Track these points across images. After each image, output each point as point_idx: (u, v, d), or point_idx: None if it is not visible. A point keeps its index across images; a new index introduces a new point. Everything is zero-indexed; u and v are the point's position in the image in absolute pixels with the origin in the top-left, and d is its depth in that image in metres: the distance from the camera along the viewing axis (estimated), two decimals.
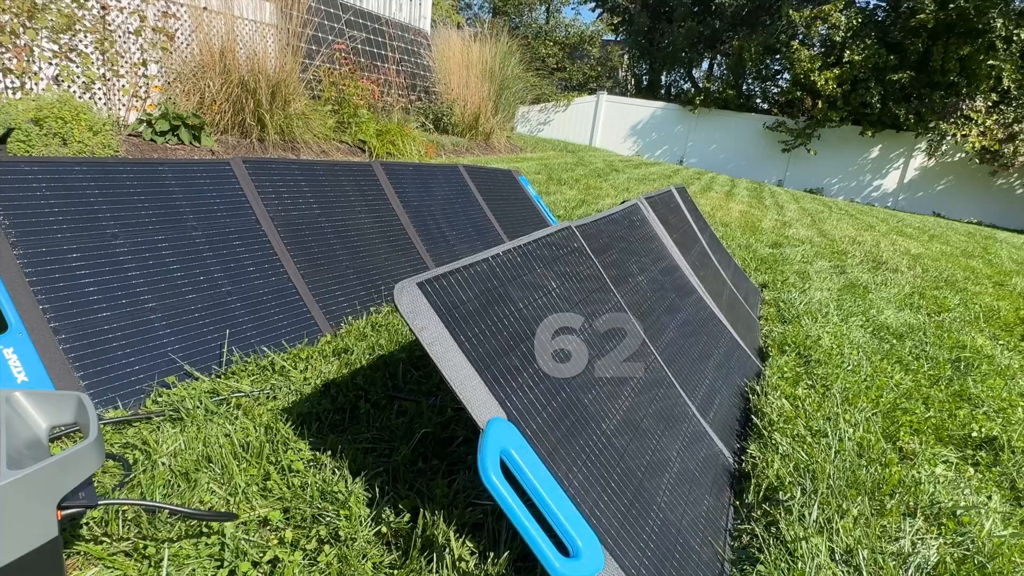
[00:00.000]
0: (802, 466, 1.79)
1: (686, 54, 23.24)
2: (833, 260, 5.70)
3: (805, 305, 3.72)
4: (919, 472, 1.87)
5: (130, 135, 5.86)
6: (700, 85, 22.70)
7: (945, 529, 1.61)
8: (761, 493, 1.69)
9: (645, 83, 25.56)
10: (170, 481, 1.37)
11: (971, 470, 2.01)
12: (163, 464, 1.43)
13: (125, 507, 1.25)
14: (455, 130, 11.42)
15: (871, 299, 4.22)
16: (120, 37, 6.10)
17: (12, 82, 5.29)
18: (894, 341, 3.27)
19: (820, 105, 17.65)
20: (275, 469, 1.46)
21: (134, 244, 2.01)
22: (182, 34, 6.74)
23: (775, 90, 22.10)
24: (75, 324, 1.75)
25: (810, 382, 2.52)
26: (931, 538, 1.56)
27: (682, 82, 25.14)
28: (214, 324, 2.10)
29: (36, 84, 5.52)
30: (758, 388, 2.35)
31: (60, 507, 0.89)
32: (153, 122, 5.85)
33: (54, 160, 1.93)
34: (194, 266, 2.16)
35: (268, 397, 1.82)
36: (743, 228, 6.79)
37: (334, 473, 1.49)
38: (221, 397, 1.80)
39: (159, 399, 1.75)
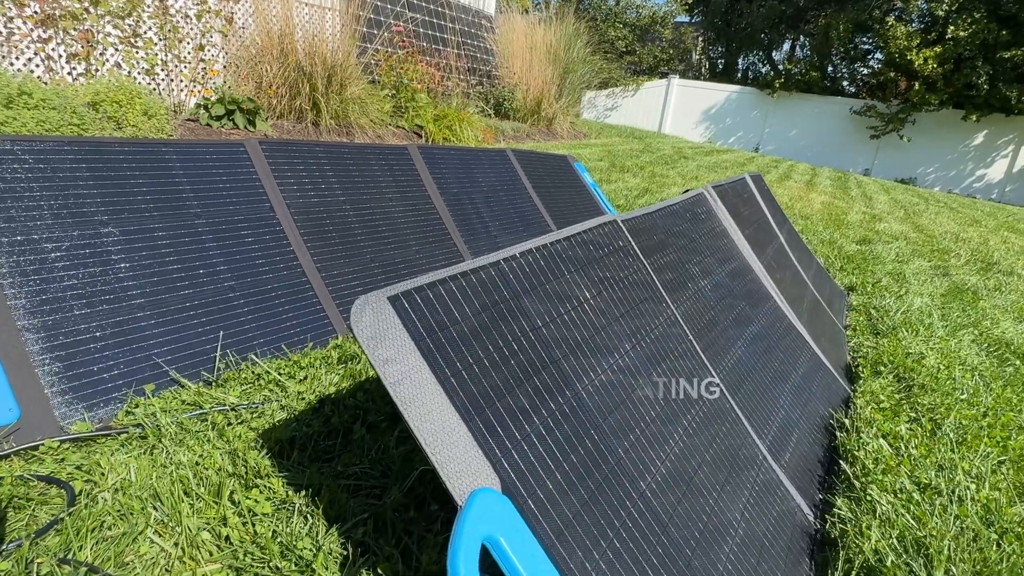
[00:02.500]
0: (909, 537, 1.38)
1: (766, 35, 21.88)
2: (933, 260, 5.00)
3: (902, 314, 3.18)
4: None
5: (188, 119, 5.88)
6: (780, 67, 21.29)
7: None
8: (854, 574, 1.29)
9: (720, 67, 24.30)
10: (105, 523, 1.14)
11: None
12: (104, 500, 1.20)
13: (41, 560, 1.02)
14: (516, 115, 11.08)
15: (983, 307, 3.60)
16: (181, 21, 6.12)
17: (75, 67, 5.38)
18: (1018, 363, 2.70)
19: (917, 87, 16.11)
20: (235, 512, 1.21)
21: (126, 233, 1.81)
22: (241, 17, 6.72)
23: (864, 71, 20.44)
24: (46, 323, 1.56)
25: (913, 414, 2.05)
26: None
27: (760, 65, 23.71)
28: (211, 323, 1.88)
29: (100, 69, 5.60)
30: (847, 422, 1.92)
31: None
32: (209, 106, 5.84)
33: (38, 138, 1.75)
34: (194, 258, 1.94)
35: (253, 413, 1.58)
36: (826, 221, 6.12)
37: (306, 520, 1.22)
38: (202, 411, 1.56)
39: (133, 410, 1.54)
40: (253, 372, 1.75)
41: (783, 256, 2.91)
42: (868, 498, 1.52)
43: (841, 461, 1.72)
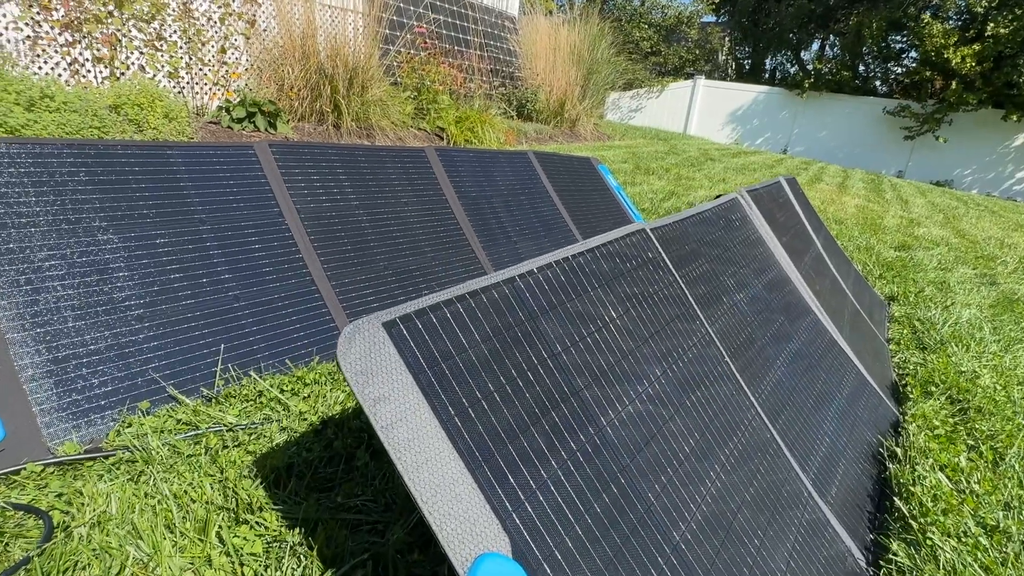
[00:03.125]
0: None
1: (794, 34, 21.43)
2: (978, 267, 4.73)
3: (950, 327, 2.96)
4: None
5: (209, 122, 5.87)
6: (810, 67, 20.83)
7: None
8: None
9: (747, 67, 23.88)
10: (79, 563, 1.04)
11: None
12: (81, 535, 1.10)
13: None
14: (539, 117, 10.94)
15: None
16: (204, 24, 6.13)
17: (100, 71, 5.40)
18: None
19: (954, 86, 15.57)
20: (222, 551, 1.10)
21: (125, 241, 1.73)
22: (263, 20, 6.71)
23: (898, 71, 19.88)
24: (36, 335, 1.47)
25: (971, 441, 1.87)
26: None
27: (788, 65, 23.24)
28: (213, 335, 1.78)
29: (125, 72, 5.63)
30: (898, 450, 1.74)
31: None
32: (231, 109, 5.83)
33: (34, 140, 1.67)
34: (197, 266, 1.85)
35: (252, 435, 1.47)
36: (861, 226, 5.86)
37: (299, 561, 1.10)
38: (197, 432, 1.46)
39: (125, 430, 1.44)
40: (254, 389, 1.65)
41: (821, 264, 2.73)
42: (928, 542, 1.35)
43: (895, 497, 1.55)
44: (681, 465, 1.11)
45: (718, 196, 2.09)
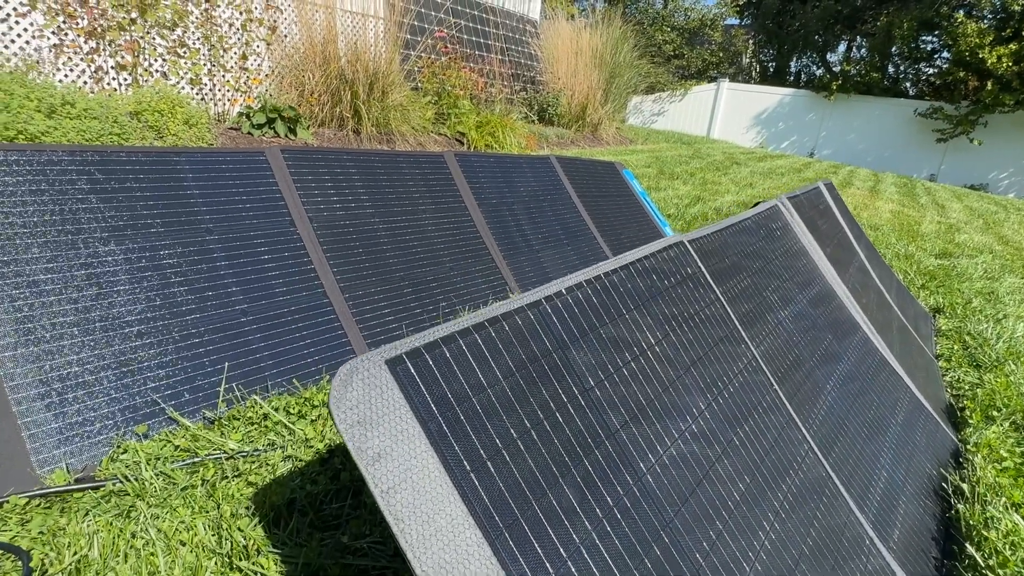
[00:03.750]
0: None
1: (820, 36, 21.02)
2: None
3: (1005, 342, 2.75)
4: None
5: (230, 128, 5.85)
6: (837, 69, 20.40)
7: None
8: None
9: (772, 70, 23.50)
10: None
11: None
12: None
13: None
14: (560, 121, 10.81)
15: None
16: (226, 30, 6.13)
17: (124, 78, 5.41)
18: None
19: (989, 87, 15.08)
20: None
21: (126, 253, 1.64)
22: (284, 26, 6.70)
23: (930, 71, 19.37)
24: (28, 354, 1.38)
25: None
26: None
27: (814, 67, 22.81)
28: (219, 352, 1.68)
29: (147, 79, 5.64)
30: (965, 487, 1.57)
31: None
32: (251, 115, 5.80)
33: (34, 147, 1.59)
34: (202, 279, 1.75)
35: (254, 463, 1.36)
36: (899, 232, 5.62)
37: None
38: (195, 459, 1.36)
39: (120, 456, 1.34)
40: (259, 412, 1.54)
41: (865, 276, 2.55)
42: None
43: (965, 543, 1.38)
44: (731, 515, 0.96)
45: (756, 203, 1.94)
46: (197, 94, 6.10)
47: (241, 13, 6.23)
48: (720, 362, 1.20)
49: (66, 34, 4.99)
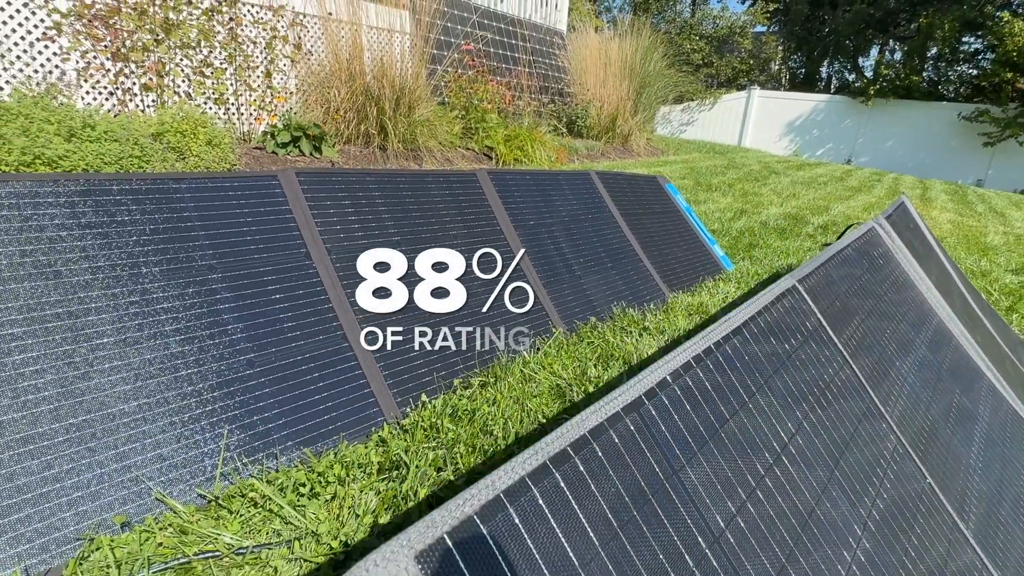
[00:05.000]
0: None
1: (851, 41, 20.46)
2: None
3: None
4: None
5: (255, 147, 5.72)
6: (874, 73, 19.78)
7: None
8: None
9: (801, 76, 22.95)
10: None
11: None
12: None
13: None
14: (590, 133, 10.54)
15: None
16: (250, 49, 6.02)
17: (152, 100, 5.32)
18: None
19: None
20: None
21: (112, 299, 1.40)
22: (309, 42, 6.58)
23: (973, 73, 18.62)
24: None
25: None
26: None
27: (846, 73, 22.21)
28: (220, 413, 1.43)
29: (171, 100, 5.54)
30: None
31: None
32: (276, 134, 5.66)
33: (10, 177, 1.37)
34: (202, 325, 1.51)
35: (252, 563, 1.09)
36: (966, 245, 5.17)
37: None
38: (181, 562, 1.09)
39: (89, 555, 1.09)
40: (262, 493, 1.27)
41: (966, 304, 2.19)
42: None
43: None
44: None
45: (849, 226, 1.63)
46: (224, 113, 6.00)
47: (266, 31, 6.13)
48: (862, 447, 0.89)
49: (95, 56, 4.92)
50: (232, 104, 6.13)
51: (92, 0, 4.76)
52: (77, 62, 4.79)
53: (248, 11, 6.00)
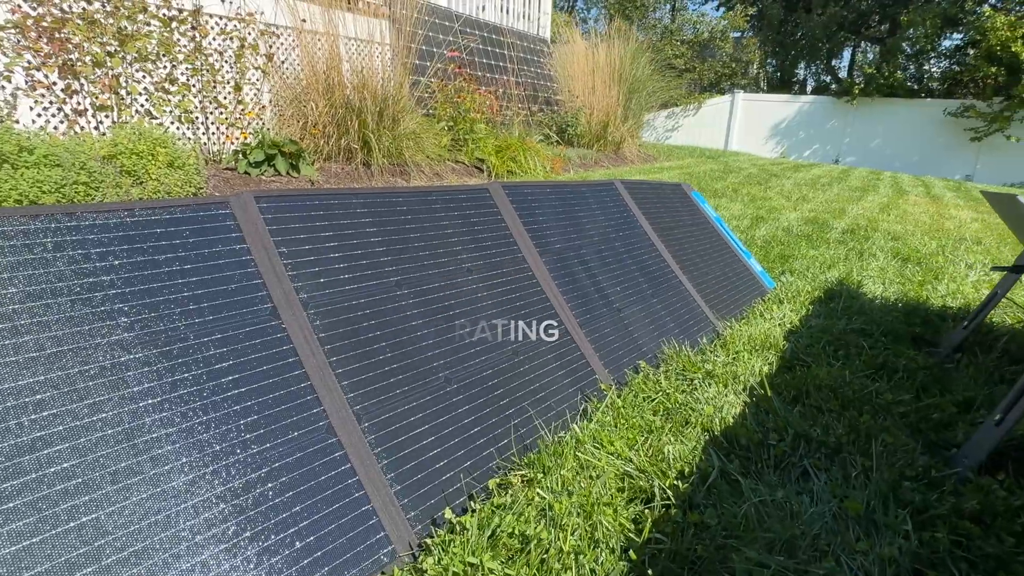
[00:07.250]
0: None
1: (824, 44, 20.49)
2: None
3: None
4: None
5: (225, 168, 5.18)
6: (860, 71, 19.74)
7: None
8: None
9: (777, 79, 22.98)
10: None
11: None
12: None
13: None
14: (581, 141, 10.11)
15: None
16: (218, 61, 5.49)
17: (102, 119, 4.76)
18: None
19: None
20: None
21: None
22: (282, 52, 6.07)
23: (956, 69, 18.61)
24: None
25: None
26: None
27: (821, 75, 22.27)
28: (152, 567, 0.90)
29: (129, 119, 4.99)
30: None
31: None
32: (248, 152, 5.13)
33: None
34: (108, 443, 0.98)
35: None
36: (1012, 247, 4.75)
37: None
38: None
39: None
40: None
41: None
42: None
43: None
44: None
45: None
46: (191, 133, 5.45)
47: (233, 40, 5.60)
48: None
49: (38, 70, 4.35)
50: (200, 122, 5.58)
51: (36, 11, 4.21)
52: (12, 79, 4.23)
53: (216, 21, 5.48)
